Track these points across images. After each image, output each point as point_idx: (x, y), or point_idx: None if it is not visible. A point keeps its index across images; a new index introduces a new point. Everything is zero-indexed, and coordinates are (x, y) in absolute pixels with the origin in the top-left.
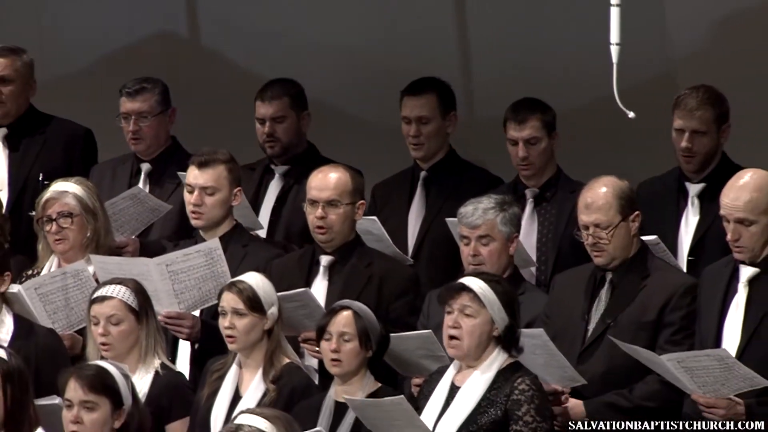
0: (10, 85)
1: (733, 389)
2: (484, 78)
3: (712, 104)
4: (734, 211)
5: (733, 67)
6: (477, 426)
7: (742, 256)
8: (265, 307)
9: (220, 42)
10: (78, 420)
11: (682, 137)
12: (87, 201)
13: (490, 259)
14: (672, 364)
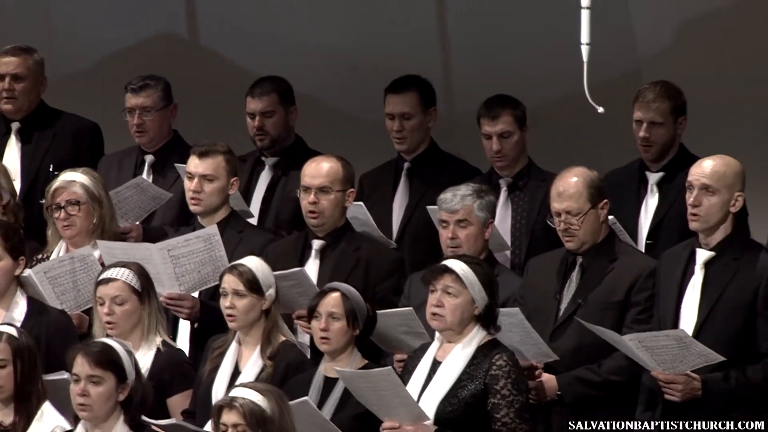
0: (22, 82)
1: (690, 366)
2: (463, 76)
3: (669, 97)
4: (701, 177)
5: (694, 65)
6: (457, 399)
7: (696, 225)
8: (264, 289)
9: (217, 42)
10: (85, 393)
11: (640, 128)
12: (93, 190)
13: (467, 242)
14: (633, 344)
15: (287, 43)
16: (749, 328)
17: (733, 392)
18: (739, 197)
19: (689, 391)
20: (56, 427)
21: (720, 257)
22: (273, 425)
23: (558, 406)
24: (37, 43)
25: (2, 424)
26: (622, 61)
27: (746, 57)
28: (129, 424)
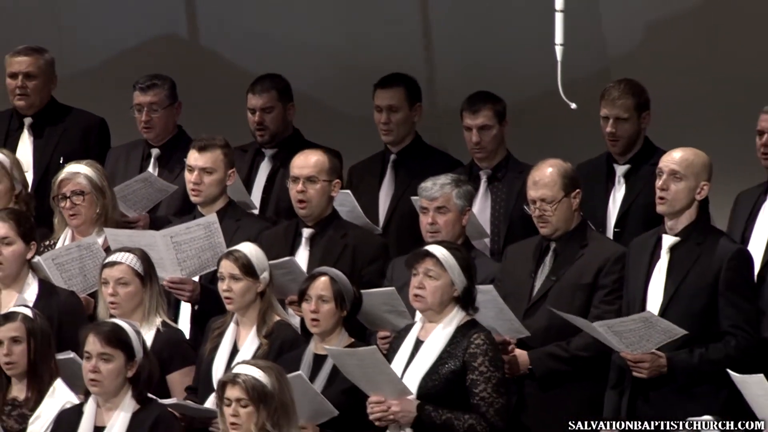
0: (34, 80)
1: (655, 343)
2: (446, 74)
3: (633, 94)
4: (670, 164)
5: (660, 65)
6: (438, 375)
7: (663, 208)
8: (258, 273)
9: (216, 43)
10: (96, 370)
11: (607, 123)
12: (96, 181)
13: (446, 228)
14: (603, 330)
15: (284, 43)
16: (711, 308)
17: (696, 368)
18: (705, 186)
19: (656, 369)
20: (66, 403)
21: (684, 242)
22: (273, 399)
23: (529, 379)
24: (47, 43)
25: (16, 399)
26: (593, 60)
27: (709, 57)
28: (137, 398)
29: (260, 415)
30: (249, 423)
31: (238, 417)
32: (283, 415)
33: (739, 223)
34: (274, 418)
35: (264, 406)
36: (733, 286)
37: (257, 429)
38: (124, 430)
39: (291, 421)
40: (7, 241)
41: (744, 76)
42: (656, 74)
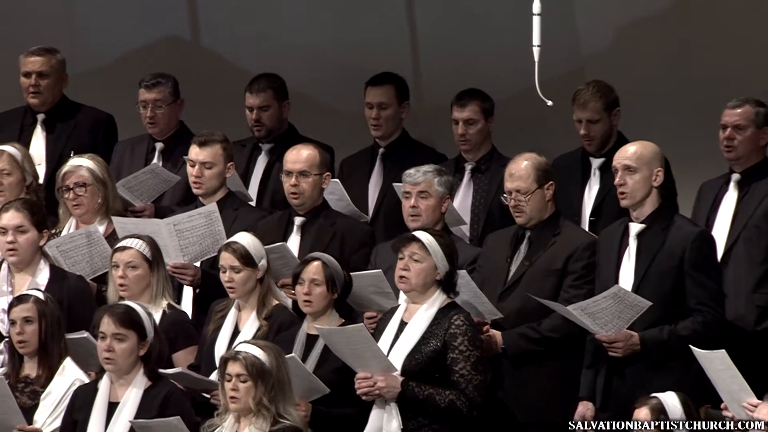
0: (46, 79)
1: (627, 320)
2: (432, 73)
3: (601, 95)
4: (622, 160)
5: (631, 64)
6: (421, 354)
7: (625, 202)
8: (256, 261)
9: (217, 44)
10: (110, 349)
11: (581, 126)
12: (98, 173)
13: (426, 212)
14: (577, 312)
15: (280, 44)
16: (679, 288)
17: (666, 344)
18: (659, 172)
19: (629, 347)
20: (76, 380)
21: (650, 228)
22: (271, 376)
23: (504, 358)
24: (59, 44)
25: (28, 377)
26: (568, 60)
27: (677, 56)
28: (148, 375)
29: (258, 391)
30: (247, 397)
31: (237, 391)
32: (279, 391)
33: (703, 211)
34: (271, 394)
35: (262, 382)
36: (698, 266)
37: (255, 403)
38: (136, 406)
39: (287, 397)
40: (22, 229)
41: (710, 74)
42: (627, 73)
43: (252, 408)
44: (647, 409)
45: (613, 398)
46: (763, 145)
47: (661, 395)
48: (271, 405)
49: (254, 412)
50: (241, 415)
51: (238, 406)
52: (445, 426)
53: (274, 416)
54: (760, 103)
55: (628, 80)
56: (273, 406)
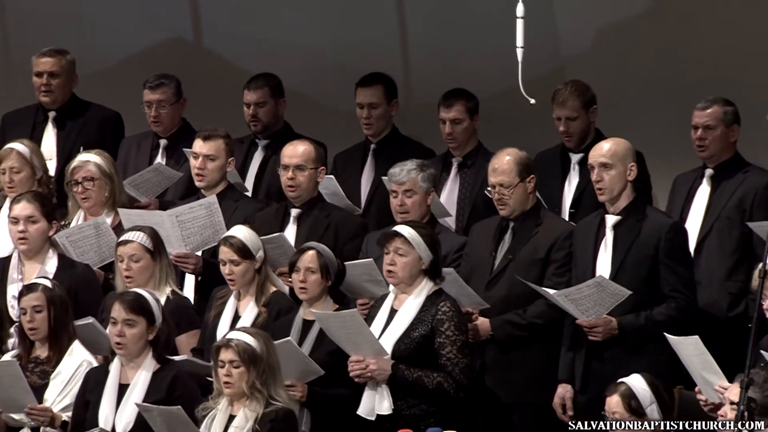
0: (57, 79)
1: (607, 307)
2: (420, 73)
3: (579, 94)
4: (598, 158)
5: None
6: (410, 339)
7: (603, 197)
8: (254, 253)
9: (218, 46)
10: (121, 334)
11: (560, 123)
12: (105, 168)
13: (413, 208)
14: (561, 299)
15: (277, 46)
16: (653, 276)
17: (642, 328)
18: (632, 167)
19: (608, 331)
20: (83, 361)
21: (626, 220)
22: (262, 361)
23: (491, 344)
24: (69, 46)
25: (38, 358)
26: (549, 61)
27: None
28: (156, 359)
29: (250, 375)
30: (240, 382)
31: (230, 377)
32: (270, 375)
33: (678, 203)
34: (263, 378)
35: (254, 366)
36: (671, 255)
37: (248, 387)
38: (145, 387)
39: (277, 380)
40: (33, 220)
41: (683, 74)
42: (605, 73)
43: (245, 392)
44: (618, 396)
45: (592, 380)
46: (733, 142)
47: (628, 380)
48: (263, 388)
49: (247, 396)
50: (234, 399)
51: (232, 391)
52: (433, 406)
53: (266, 399)
54: (728, 103)
55: (606, 80)
56: (265, 389)
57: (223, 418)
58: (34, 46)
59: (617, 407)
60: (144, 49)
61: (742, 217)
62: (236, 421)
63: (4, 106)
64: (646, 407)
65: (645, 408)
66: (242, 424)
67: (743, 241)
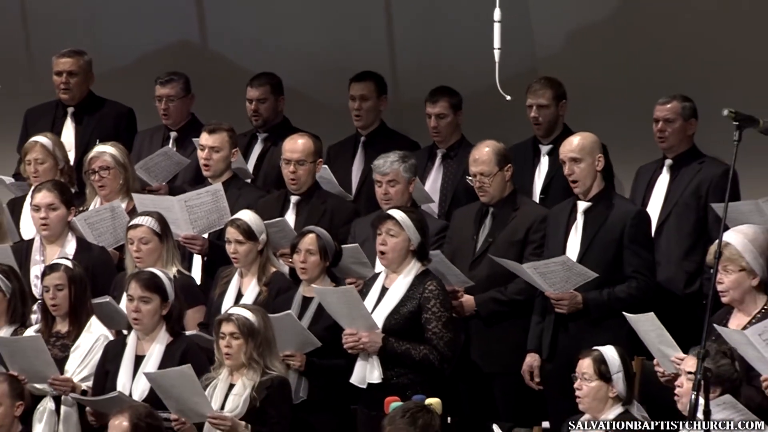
0: (75, 77)
1: (573, 284)
2: (407, 72)
3: (551, 87)
4: (568, 153)
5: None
6: (399, 314)
7: (577, 189)
8: (257, 235)
9: (222, 47)
10: (137, 310)
11: (531, 110)
12: (119, 158)
13: (396, 196)
14: (530, 271)
15: (277, 47)
16: (618, 258)
17: (605, 304)
18: (600, 158)
19: (573, 305)
20: (101, 336)
21: (595, 206)
22: (259, 335)
23: (475, 319)
24: (86, 47)
25: (59, 332)
26: (524, 61)
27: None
28: (170, 332)
29: (249, 347)
30: (239, 352)
31: (230, 348)
32: (266, 347)
33: (640, 190)
34: (260, 350)
35: (252, 339)
36: (635, 240)
37: (246, 358)
38: (160, 358)
39: (272, 352)
40: (53, 207)
41: (645, 73)
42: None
43: (244, 362)
44: (590, 360)
45: (558, 351)
46: (690, 135)
47: (602, 348)
48: (260, 359)
49: (246, 366)
50: (234, 369)
51: (232, 362)
52: (420, 376)
53: (262, 368)
54: (686, 99)
55: (575, 78)
56: (261, 360)
57: (224, 386)
58: (54, 47)
59: (588, 369)
60: (154, 51)
61: (698, 203)
62: (235, 389)
63: (27, 102)
64: (613, 374)
65: (612, 374)
66: (241, 392)
67: (699, 225)
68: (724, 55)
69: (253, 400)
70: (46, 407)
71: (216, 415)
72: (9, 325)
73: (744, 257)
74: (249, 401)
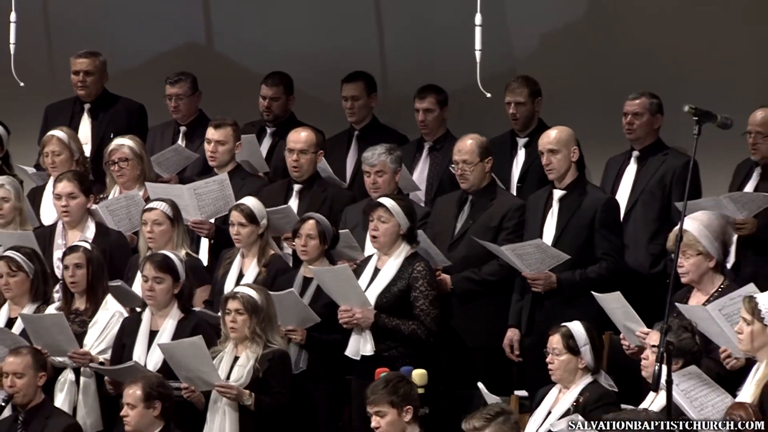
0: (91, 76)
1: (548, 265)
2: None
3: (527, 84)
4: (546, 144)
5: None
6: (390, 293)
7: (552, 176)
8: (259, 219)
9: (227, 48)
10: (152, 289)
11: (509, 107)
12: (136, 150)
13: (383, 185)
14: (509, 252)
15: (277, 50)
16: (589, 242)
17: (577, 284)
18: (575, 150)
19: (548, 284)
20: (116, 312)
21: (569, 194)
22: (262, 311)
23: (453, 296)
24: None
25: (78, 309)
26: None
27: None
28: (181, 309)
29: (252, 322)
30: (243, 327)
31: (235, 323)
32: (268, 323)
33: (610, 180)
34: (262, 325)
35: (255, 315)
36: (605, 225)
37: (250, 332)
38: (172, 332)
39: (274, 327)
40: (73, 196)
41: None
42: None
43: (248, 336)
44: (558, 335)
45: (534, 326)
46: (656, 128)
47: (569, 324)
48: (262, 333)
49: (249, 339)
50: (238, 342)
51: (237, 335)
52: (408, 349)
53: (264, 342)
54: (653, 95)
55: (550, 77)
56: (264, 335)
57: (229, 358)
58: (72, 49)
59: (557, 344)
60: (164, 52)
61: (662, 191)
62: (240, 361)
63: (48, 99)
64: (581, 347)
65: (580, 347)
66: (245, 363)
67: (663, 212)
68: (688, 54)
69: (256, 371)
70: (66, 378)
71: (223, 384)
72: (32, 302)
73: (701, 242)
74: (252, 372)
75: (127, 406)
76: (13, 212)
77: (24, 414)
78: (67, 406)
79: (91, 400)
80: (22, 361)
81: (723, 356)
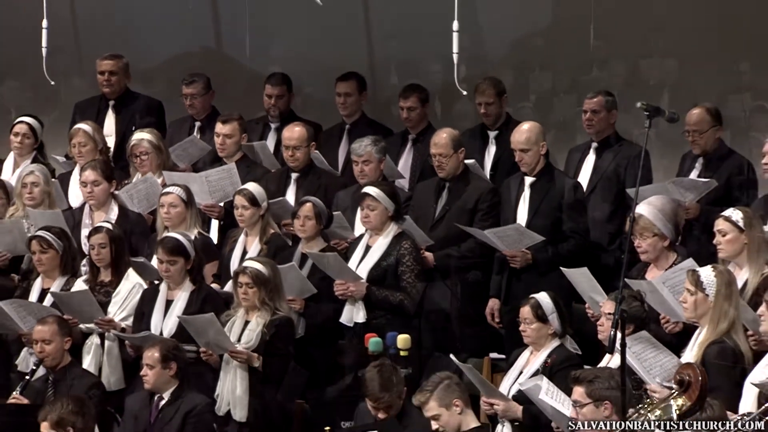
0: (115, 76)
1: (524, 245)
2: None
3: (494, 86)
4: (518, 144)
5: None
6: (380, 268)
7: (525, 169)
8: (260, 202)
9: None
10: (167, 270)
11: (480, 107)
12: (155, 142)
13: (370, 173)
14: (491, 235)
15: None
16: (558, 222)
17: (550, 259)
18: (543, 144)
19: (524, 261)
20: (136, 284)
21: (539, 181)
22: (269, 283)
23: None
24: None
25: (103, 281)
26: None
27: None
28: (192, 282)
29: (261, 293)
30: (254, 298)
31: (246, 295)
32: (275, 293)
33: (571, 168)
34: (270, 295)
35: (263, 286)
36: (571, 206)
37: (259, 302)
38: (185, 302)
39: (280, 296)
40: (96, 183)
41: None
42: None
43: (257, 305)
44: (528, 307)
45: (512, 296)
46: (612, 123)
47: (537, 295)
48: (270, 302)
49: (259, 308)
50: (249, 309)
51: (248, 304)
52: (396, 318)
53: (272, 310)
54: (609, 94)
55: (518, 77)
56: (271, 303)
57: (240, 323)
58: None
59: (528, 314)
60: (180, 54)
61: (618, 178)
62: (250, 325)
63: (77, 96)
64: (548, 315)
65: (548, 316)
66: (254, 328)
67: (618, 196)
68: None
69: (264, 335)
70: (93, 342)
71: (235, 350)
72: (62, 275)
73: (656, 225)
74: (261, 335)
75: (147, 366)
76: (43, 195)
77: (53, 375)
78: (94, 367)
79: (115, 361)
80: (49, 329)
81: (663, 322)
